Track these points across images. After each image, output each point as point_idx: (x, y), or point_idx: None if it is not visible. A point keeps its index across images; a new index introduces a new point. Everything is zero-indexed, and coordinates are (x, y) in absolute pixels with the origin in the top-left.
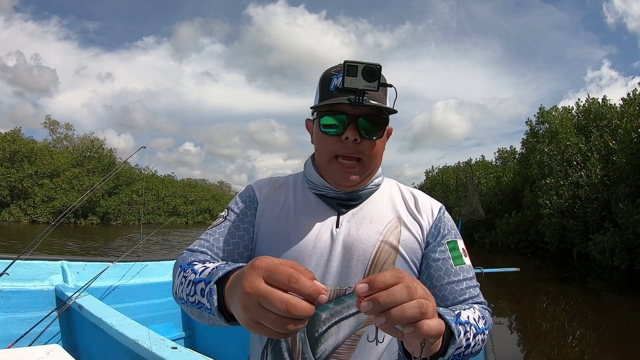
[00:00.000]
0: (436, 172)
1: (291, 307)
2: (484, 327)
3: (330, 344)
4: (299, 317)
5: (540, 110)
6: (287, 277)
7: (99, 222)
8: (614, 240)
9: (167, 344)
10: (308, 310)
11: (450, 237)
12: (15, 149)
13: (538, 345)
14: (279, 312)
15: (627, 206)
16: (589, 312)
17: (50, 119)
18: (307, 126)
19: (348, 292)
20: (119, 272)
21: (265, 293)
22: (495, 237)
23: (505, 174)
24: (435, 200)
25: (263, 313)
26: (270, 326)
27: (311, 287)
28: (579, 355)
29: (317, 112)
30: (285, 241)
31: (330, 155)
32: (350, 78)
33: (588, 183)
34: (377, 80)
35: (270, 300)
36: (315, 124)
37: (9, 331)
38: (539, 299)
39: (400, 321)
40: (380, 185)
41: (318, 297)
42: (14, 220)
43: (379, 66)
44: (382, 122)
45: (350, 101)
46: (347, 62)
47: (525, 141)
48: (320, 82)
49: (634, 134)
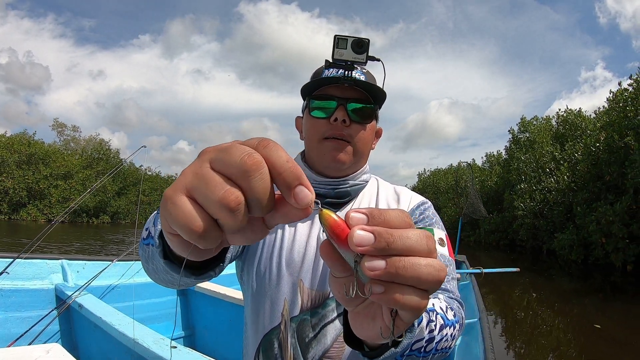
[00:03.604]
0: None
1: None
2: (453, 320)
3: (320, 349)
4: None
5: (522, 120)
6: (244, 155)
7: (109, 222)
8: (572, 238)
9: (167, 344)
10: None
11: (424, 224)
12: (32, 151)
13: (516, 332)
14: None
15: (584, 209)
16: (556, 300)
17: (58, 122)
18: (296, 124)
19: (331, 295)
20: (118, 271)
21: (204, 176)
22: (479, 236)
23: (491, 178)
24: (421, 196)
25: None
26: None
27: (291, 167)
28: (553, 340)
29: (308, 98)
30: (278, 248)
31: (319, 137)
32: (340, 50)
33: (557, 188)
34: (366, 53)
35: (204, 183)
36: (305, 112)
37: (9, 330)
38: (514, 291)
39: (405, 278)
40: (368, 182)
41: (298, 185)
42: (32, 219)
43: (367, 40)
44: (370, 111)
45: (340, 77)
46: (338, 35)
47: (508, 148)
48: (312, 77)
49: (592, 147)
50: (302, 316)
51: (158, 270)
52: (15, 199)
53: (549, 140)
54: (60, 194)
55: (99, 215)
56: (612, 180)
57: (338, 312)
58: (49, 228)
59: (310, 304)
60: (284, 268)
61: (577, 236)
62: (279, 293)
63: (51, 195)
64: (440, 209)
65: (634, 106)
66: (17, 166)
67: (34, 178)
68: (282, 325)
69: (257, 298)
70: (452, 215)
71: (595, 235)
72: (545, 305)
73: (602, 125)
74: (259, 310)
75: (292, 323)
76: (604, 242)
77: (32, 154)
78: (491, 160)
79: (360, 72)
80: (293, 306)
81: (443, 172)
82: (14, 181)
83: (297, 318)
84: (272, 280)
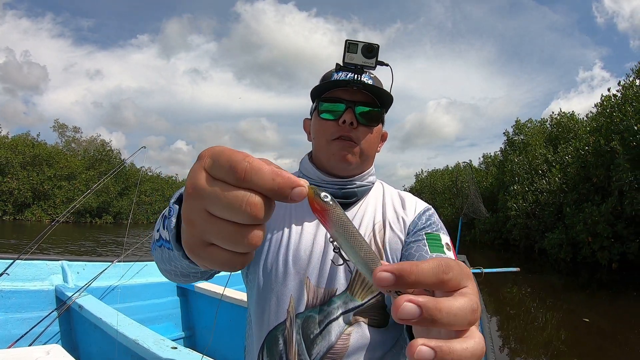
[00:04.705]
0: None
1: (252, 203)
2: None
3: (324, 345)
4: (261, 220)
5: (516, 123)
6: (230, 164)
7: (112, 222)
8: (561, 238)
9: (167, 344)
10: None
11: (431, 230)
12: (36, 153)
13: (510, 328)
14: (237, 218)
15: (573, 210)
16: (547, 296)
17: (59, 123)
18: (304, 126)
19: (337, 293)
20: (119, 272)
21: (209, 190)
22: (475, 235)
23: (486, 179)
24: (424, 202)
25: (211, 223)
26: (225, 244)
27: (272, 174)
28: (546, 334)
29: (317, 101)
30: (285, 246)
31: (328, 138)
32: (351, 54)
33: (548, 190)
34: (375, 58)
35: (216, 198)
36: (314, 114)
37: (9, 331)
38: (507, 288)
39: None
40: (374, 184)
41: (289, 191)
42: (36, 219)
43: (377, 45)
44: (377, 115)
45: (349, 80)
46: (349, 40)
47: (503, 150)
48: (321, 80)
49: (581, 151)
50: (307, 313)
51: (170, 264)
52: (20, 199)
53: (542, 142)
54: (65, 194)
55: (102, 216)
56: (599, 183)
57: (343, 309)
58: (49, 229)
59: (316, 301)
60: (291, 265)
61: (566, 235)
62: (285, 290)
63: (55, 196)
64: (438, 208)
65: (620, 112)
66: (21, 167)
67: (38, 179)
68: (287, 322)
69: (263, 295)
70: (448, 215)
71: (582, 235)
72: (537, 301)
73: (590, 130)
74: (264, 307)
75: (297, 319)
76: (590, 241)
77: (36, 155)
78: (487, 162)
79: (368, 76)
80: (299, 303)
81: (440, 173)
82: (18, 182)
83: (302, 315)
84: (279, 277)
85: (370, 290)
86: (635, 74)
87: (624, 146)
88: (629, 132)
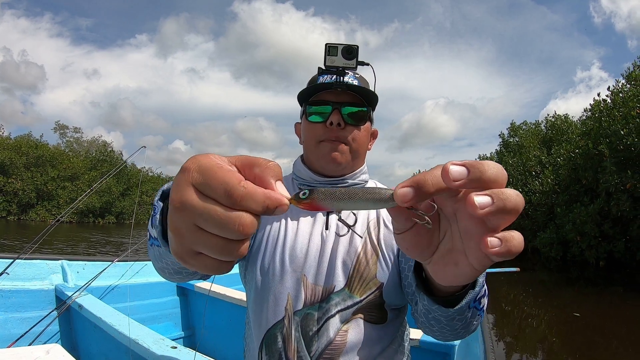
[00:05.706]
0: None
1: (244, 224)
2: (487, 293)
3: (323, 342)
4: (250, 235)
5: (511, 125)
6: (225, 187)
7: (114, 222)
8: (552, 237)
9: (167, 344)
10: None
11: None
12: (39, 154)
13: (504, 324)
14: (227, 235)
15: (564, 210)
16: (539, 294)
17: (60, 124)
18: (296, 130)
19: (336, 290)
20: (118, 271)
21: (201, 208)
22: None
23: None
24: None
25: (200, 237)
26: (214, 255)
27: (264, 197)
28: (539, 329)
29: (305, 104)
30: (281, 245)
31: (316, 140)
32: (331, 57)
33: (541, 191)
34: (355, 59)
35: (209, 218)
36: (302, 117)
37: (9, 330)
38: (502, 286)
39: (508, 210)
40: (367, 182)
41: (275, 209)
42: (40, 220)
43: (357, 46)
44: (364, 114)
45: (333, 83)
46: (328, 43)
47: (498, 152)
48: (308, 83)
49: (572, 153)
50: (306, 310)
51: (161, 261)
52: (24, 200)
53: (536, 144)
54: (68, 195)
55: (105, 216)
56: (588, 184)
57: (342, 306)
58: (49, 229)
59: (315, 298)
60: (287, 263)
61: (557, 235)
62: (282, 288)
63: (59, 197)
64: None
65: (609, 117)
66: (25, 168)
67: (42, 180)
68: (285, 320)
69: (261, 293)
70: None
71: (572, 234)
72: (530, 298)
73: (580, 133)
74: (262, 305)
75: (295, 317)
76: (579, 240)
77: (40, 156)
78: None
79: (353, 77)
80: (296, 301)
81: None
82: (23, 183)
83: (300, 312)
84: (276, 275)
85: (368, 286)
86: (626, 78)
87: (611, 149)
88: (616, 136)
